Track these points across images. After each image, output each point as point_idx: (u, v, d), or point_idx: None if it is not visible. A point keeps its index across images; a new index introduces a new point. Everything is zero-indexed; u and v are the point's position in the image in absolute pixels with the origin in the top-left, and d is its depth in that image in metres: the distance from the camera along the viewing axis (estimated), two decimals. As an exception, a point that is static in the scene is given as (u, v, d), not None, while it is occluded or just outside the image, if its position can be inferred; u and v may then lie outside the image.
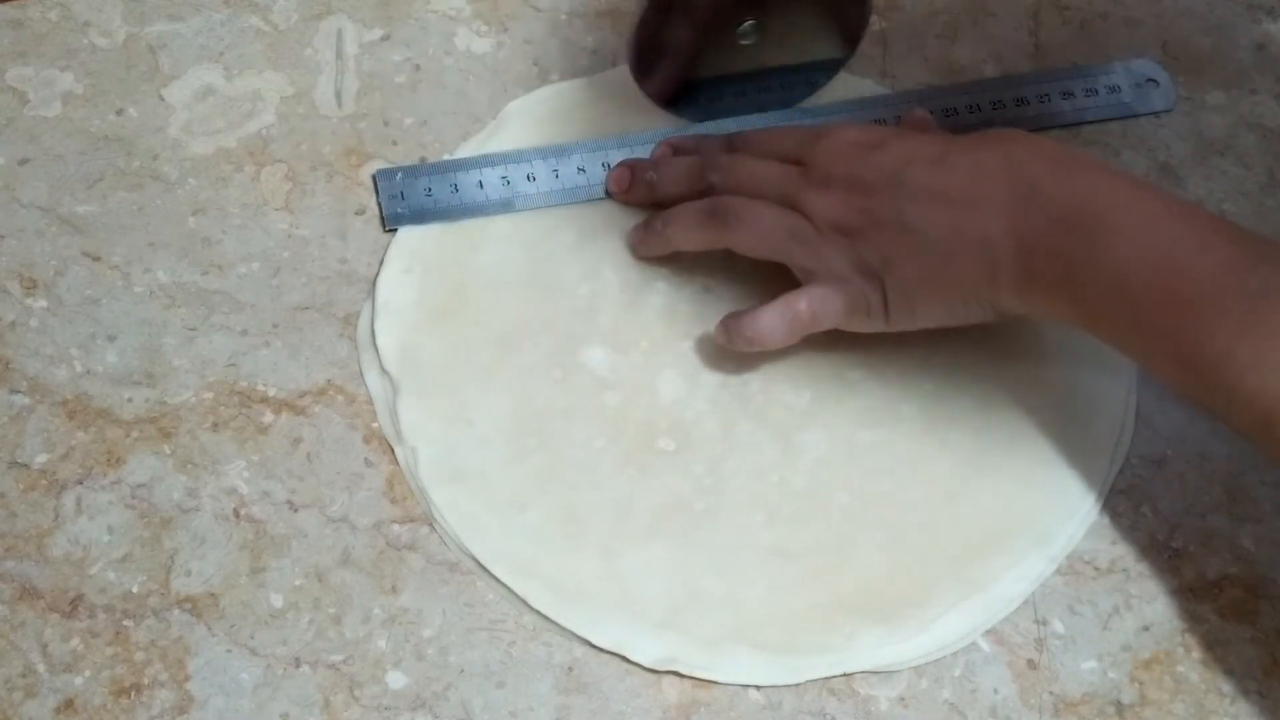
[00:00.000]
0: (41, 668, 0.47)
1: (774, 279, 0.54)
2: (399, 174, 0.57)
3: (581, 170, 0.58)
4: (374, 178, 0.58)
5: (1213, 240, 0.46)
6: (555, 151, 0.58)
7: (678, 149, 0.58)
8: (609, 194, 0.57)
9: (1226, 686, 0.49)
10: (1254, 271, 0.44)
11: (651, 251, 0.56)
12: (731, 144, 0.57)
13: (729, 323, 0.53)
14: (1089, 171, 0.49)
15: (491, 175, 0.58)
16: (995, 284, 0.49)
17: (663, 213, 0.56)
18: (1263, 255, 0.45)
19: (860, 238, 0.51)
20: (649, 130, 0.59)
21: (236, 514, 0.50)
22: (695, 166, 0.56)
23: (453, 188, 0.57)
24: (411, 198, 0.57)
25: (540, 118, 0.60)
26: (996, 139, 0.50)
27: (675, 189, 0.56)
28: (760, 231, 0.53)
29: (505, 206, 0.57)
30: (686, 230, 0.55)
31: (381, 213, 0.57)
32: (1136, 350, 0.48)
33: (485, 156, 0.58)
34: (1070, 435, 0.53)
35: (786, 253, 0.52)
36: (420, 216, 0.57)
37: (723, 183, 0.54)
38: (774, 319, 0.52)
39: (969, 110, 0.61)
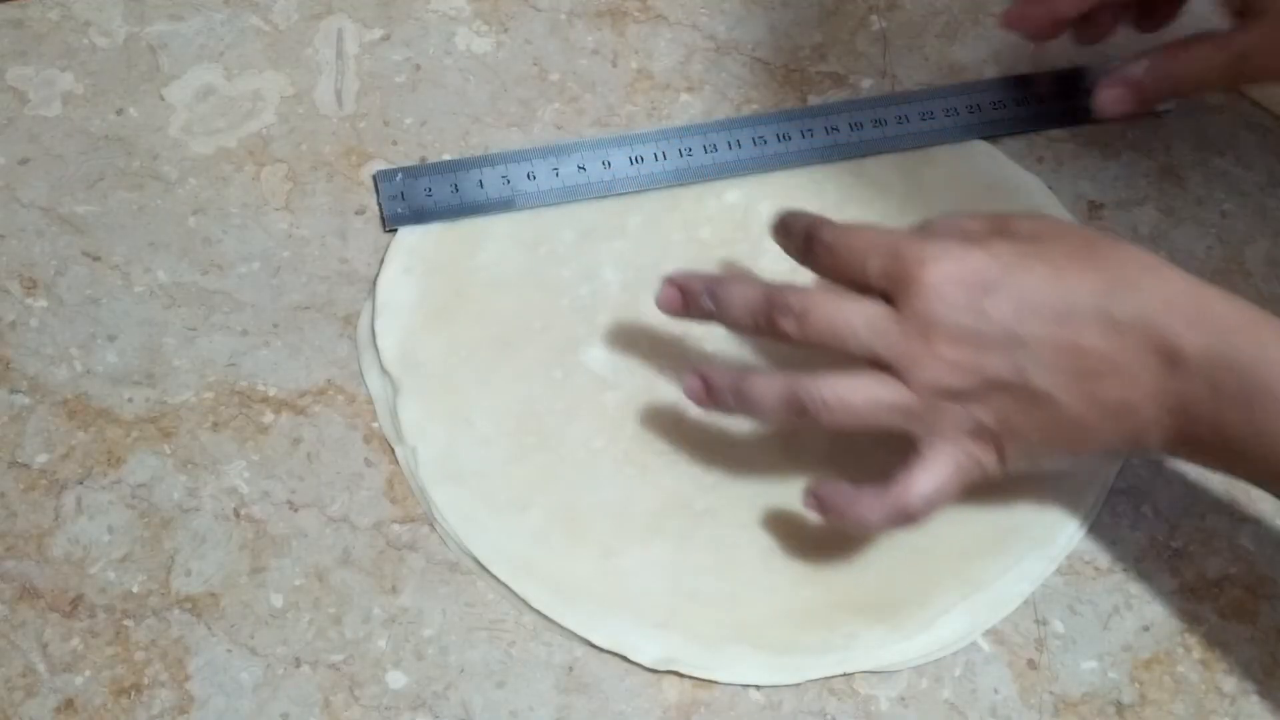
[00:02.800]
0: (41, 668, 0.47)
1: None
2: (399, 174, 0.57)
3: (582, 169, 0.58)
4: (374, 178, 0.58)
5: None
6: (556, 150, 0.58)
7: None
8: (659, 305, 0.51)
9: (1226, 686, 0.49)
10: None
11: (720, 411, 0.50)
12: (807, 246, 0.49)
13: (825, 497, 0.47)
14: (1231, 320, 0.44)
15: (492, 175, 0.58)
16: (1142, 445, 0.46)
17: (733, 379, 0.48)
18: None
19: (973, 400, 0.45)
20: (656, 128, 0.60)
21: (236, 514, 0.50)
22: (761, 303, 0.48)
23: (453, 188, 0.57)
24: (412, 198, 0.57)
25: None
26: (1124, 285, 0.45)
27: (738, 325, 0.49)
28: (855, 412, 0.46)
29: (506, 205, 0.57)
30: (766, 412, 0.48)
31: (382, 213, 0.57)
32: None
33: (485, 156, 0.58)
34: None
35: (886, 426, 0.47)
36: (420, 216, 0.57)
37: (798, 332, 0.47)
38: (876, 509, 0.47)
39: (969, 110, 0.60)
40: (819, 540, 0.51)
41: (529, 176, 0.58)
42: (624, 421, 0.53)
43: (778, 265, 0.57)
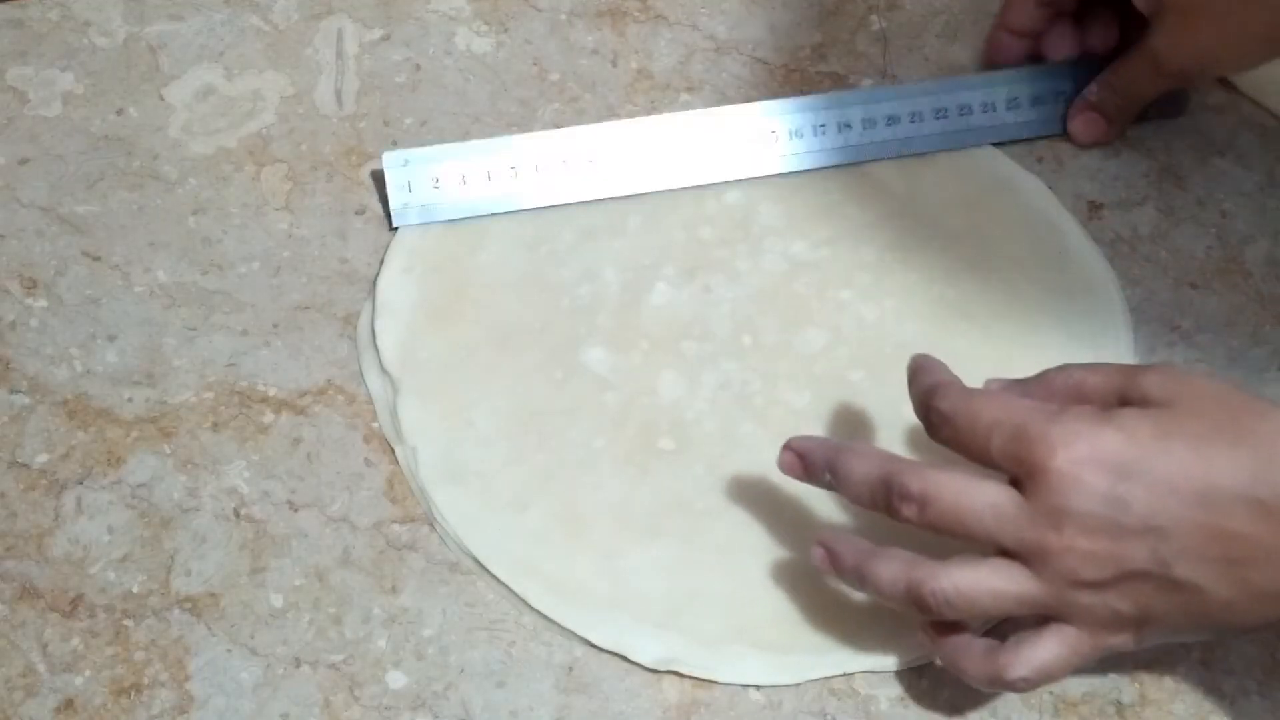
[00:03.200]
0: (41, 667, 0.47)
1: (778, 283, 0.54)
2: (406, 160, 0.57)
3: (591, 161, 0.58)
4: (376, 174, 0.57)
5: None
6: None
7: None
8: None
9: (1226, 686, 0.49)
10: None
11: (840, 579, 0.47)
12: (925, 413, 0.46)
13: (939, 639, 0.45)
14: None
15: (500, 164, 0.57)
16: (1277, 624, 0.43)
17: (856, 560, 0.45)
18: None
19: (1110, 590, 0.42)
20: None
21: (236, 514, 0.50)
22: (880, 485, 0.44)
23: (461, 179, 0.57)
24: (419, 190, 0.56)
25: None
26: (1273, 463, 0.41)
27: (858, 502, 0.46)
28: (978, 605, 0.43)
29: (511, 201, 0.57)
30: (887, 598, 0.45)
31: (387, 208, 0.57)
32: None
33: (488, 142, 0.58)
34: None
35: (1016, 615, 0.44)
36: (428, 213, 0.56)
37: (919, 519, 0.44)
38: (979, 666, 0.44)
39: (959, 112, 0.60)
40: (819, 540, 0.51)
41: (536, 169, 0.57)
42: (624, 421, 0.53)
43: (777, 266, 0.57)
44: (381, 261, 0.56)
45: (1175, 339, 0.56)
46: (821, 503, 0.51)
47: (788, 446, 0.47)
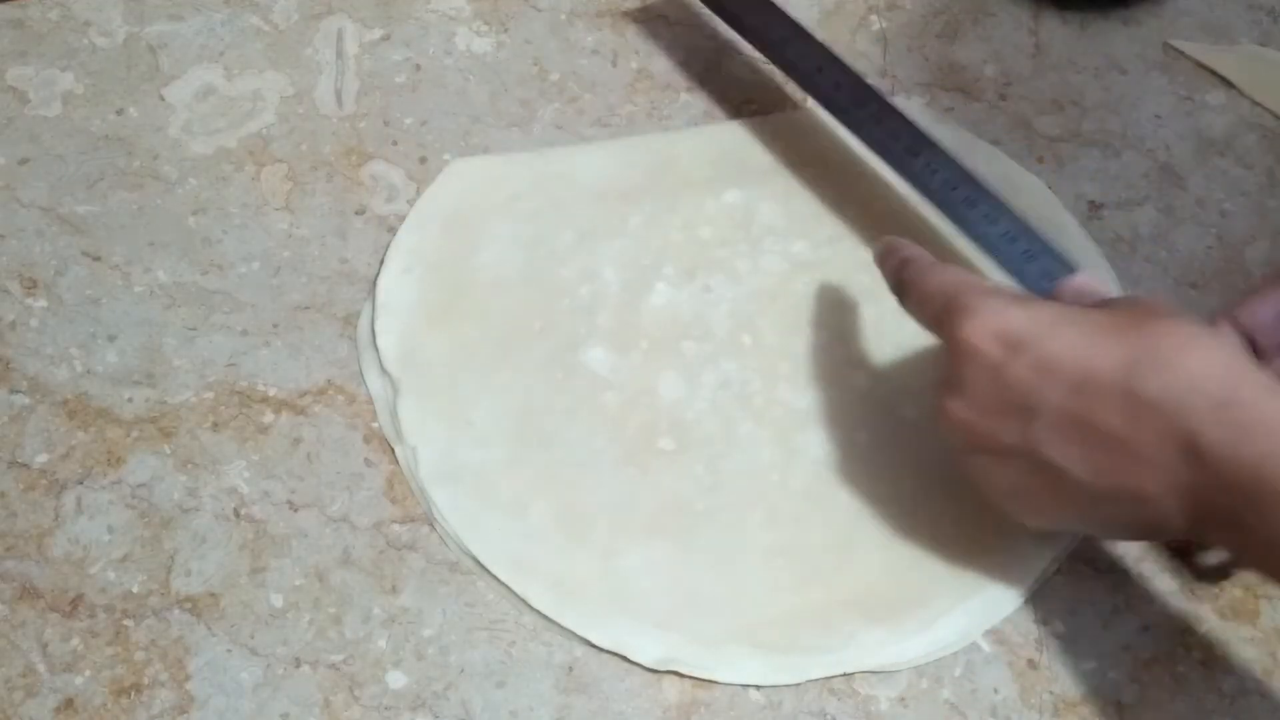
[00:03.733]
0: (41, 667, 0.47)
1: (778, 283, 0.54)
2: None
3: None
4: None
5: None
6: None
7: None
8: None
9: (1226, 686, 0.49)
10: None
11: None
12: (896, 285, 0.50)
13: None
14: (1259, 412, 0.40)
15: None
16: (1164, 532, 0.43)
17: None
18: None
19: (986, 458, 0.45)
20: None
21: (236, 514, 0.50)
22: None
23: None
24: None
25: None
26: (1154, 361, 0.41)
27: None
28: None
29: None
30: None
31: None
32: None
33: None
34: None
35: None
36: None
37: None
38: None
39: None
40: (819, 540, 0.51)
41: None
42: (624, 421, 0.53)
43: (777, 265, 0.57)
44: (381, 261, 0.56)
45: (1175, 339, 0.56)
46: (822, 503, 0.51)
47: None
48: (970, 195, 0.54)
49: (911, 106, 0.62)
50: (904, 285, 0.49)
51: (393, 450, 0.52)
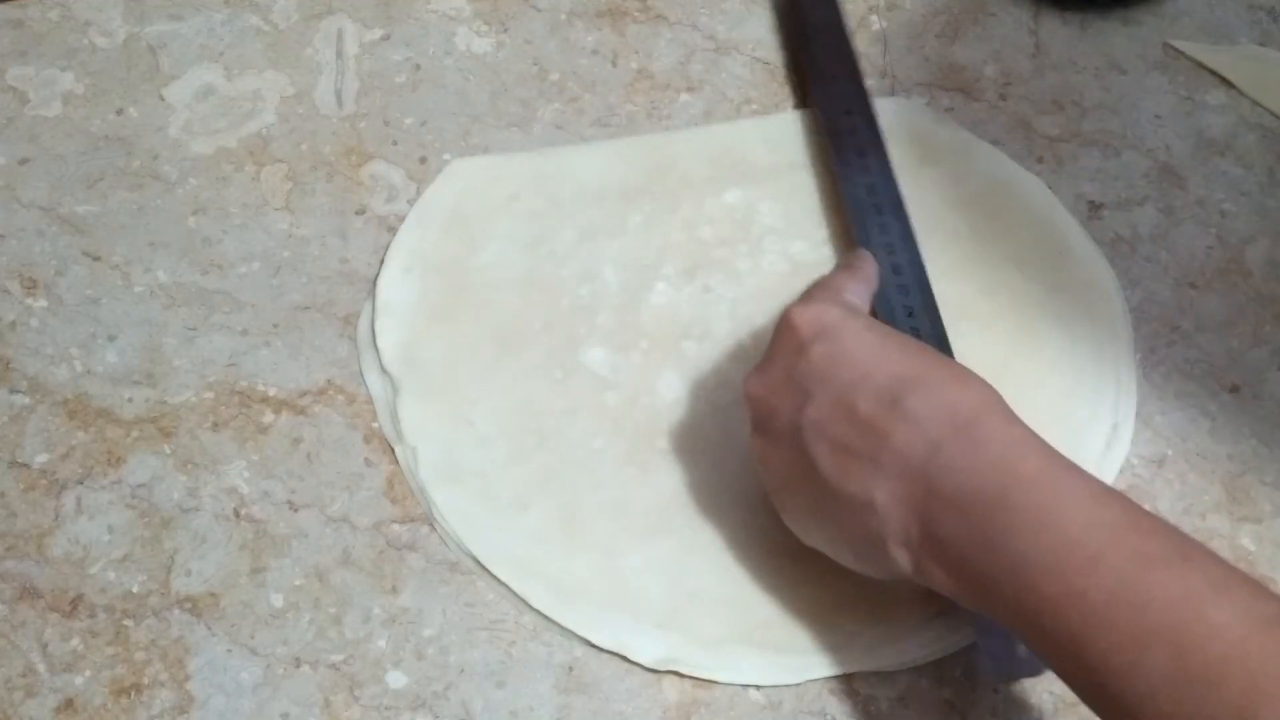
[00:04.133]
0: (41, 667, 0.47)
1: (778, 283, 0.54)
2: None
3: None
4: None
5: (1127, 535, 0.39)
6: None
7: None
8: None
9: (1226, 686, 0.49)
10: (1175, 568, 0.38)
11: None
12: None
13: None
14: (996, 441, 0.41)
15: None
16: (883, 550, 0.43)
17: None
18: (1186, 554, 0.38)
19: (764, 433, 0.46)
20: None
21: (236, 514, 0.50)
22: None
23: None
24: None
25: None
26: (928, 382, 0.43)
27: None
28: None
29: None
30: None
31: None
32: (1035, 647, 0.41)
33: None
34: (1068, 436, 0.53)
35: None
36: None
37: None
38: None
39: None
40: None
41: None
42: (624, 421, 0.53)
43: (777, 265, 0.57)
44: (381, 261, 0.56)
45: (1175, 339, 0.56)
46: (821, 503, 0.51)
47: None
48: (897, 264, 0.55)
49: (912, 106, 0.62)
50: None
51: (393, 450, 0.52)
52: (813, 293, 0.49)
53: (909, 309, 0.53)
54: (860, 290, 0.50)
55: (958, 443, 0.41)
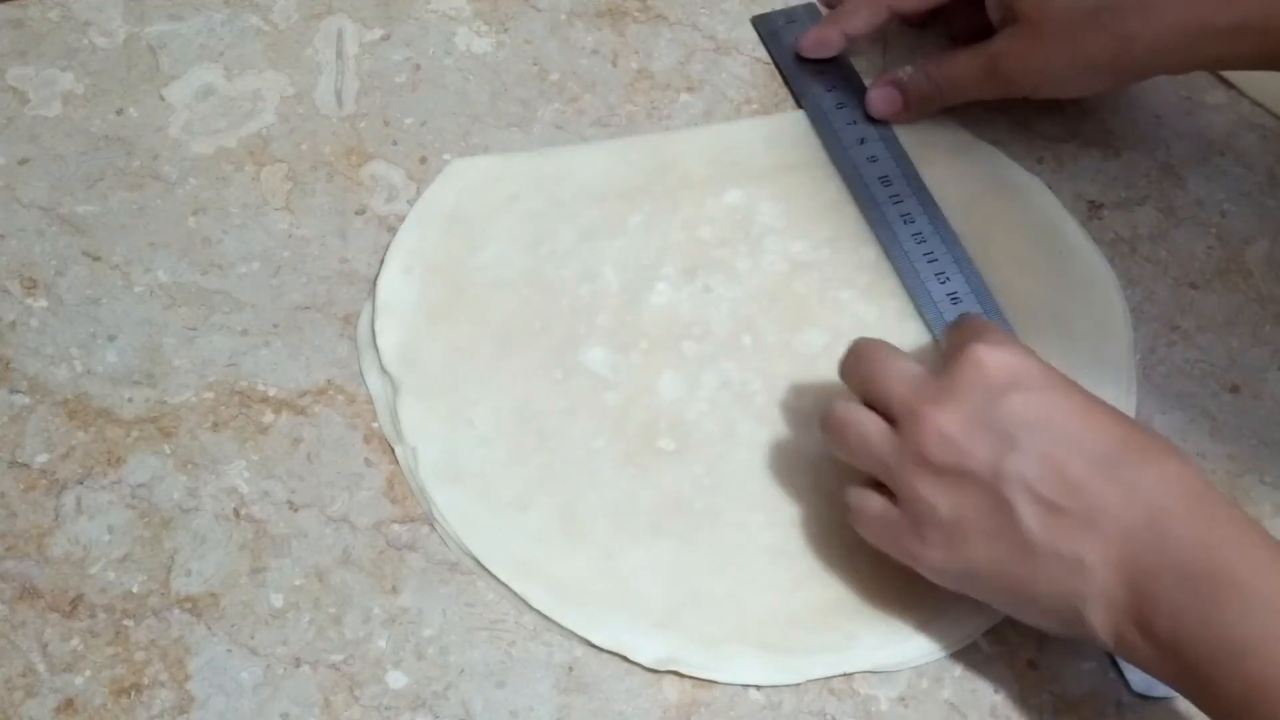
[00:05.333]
0: (41, 667, 0.47)
1: (778, 283, 0.54)
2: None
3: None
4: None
5: None
6: None
7: None
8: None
9: (1226, 686, 0.49)
10: None
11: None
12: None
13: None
14: (1226, 521, 0.42)
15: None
16: (1078, 611, 0.43)
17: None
18: None
19: (942, 480, 0.44)
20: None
21: (236, 514, 0.50)
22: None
23: None
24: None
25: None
26: (1143, 450, 0.43)
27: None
28: (849, 444, 0.47)
29: None
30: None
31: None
32: None
33: None
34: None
35: (867, 469, 0.47)
36: None
37: (850, 374, 0.49)
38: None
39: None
40: (819, 540, 0.51)
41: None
42: (624, 421, 0.53)
43: (777, 266, 0.57)
44: (381, 261, 0.56)
45: (1175, 339, 0.56)
46: (822, 503, 0.51)
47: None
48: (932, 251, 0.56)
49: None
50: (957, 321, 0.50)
51: (393, 450, 0.52)
52: (991, 332, 0.47)
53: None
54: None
55: (1185, 514, 0.41)
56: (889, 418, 0.46)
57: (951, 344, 0.47)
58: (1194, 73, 0.63)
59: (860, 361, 0.48)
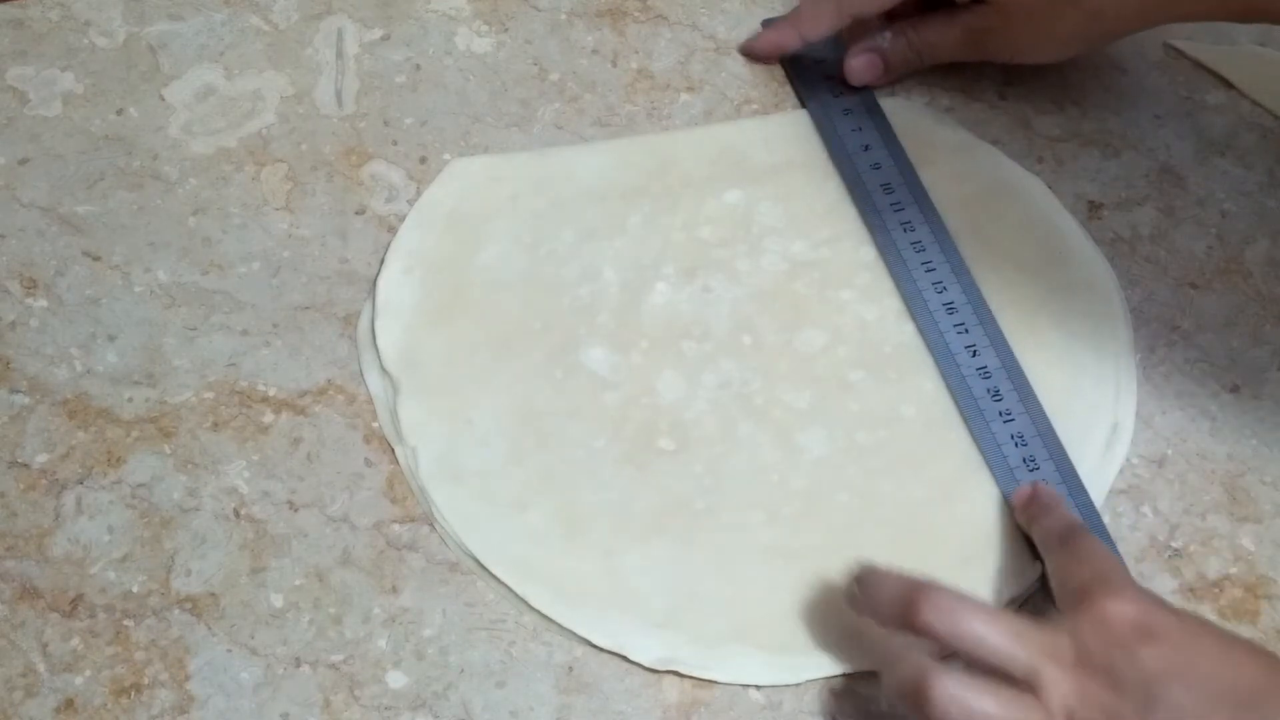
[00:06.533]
0: (41, 667, 0.47)
1: (778, 283, 0.54)
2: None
3: None
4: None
5: None
6: None
7: None
8: None
9: (1226, 686, 0.49)
10: None
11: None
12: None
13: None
14: None
15: None
16: None
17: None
18: None
19: None
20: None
21: (237, 514, 0.50)
22: (907, 592, 0.45)
23: None
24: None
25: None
26: (1276, 694, 0.42)
27: (880, 616, 0.46)
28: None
29: None
30: (890, 688, 0.45)
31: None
32: None
33: None
34: (1068, 436, 0.53)
35: None
36: None
37: (941, 627, 0.44)
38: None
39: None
40: (819, 540, 0.51)
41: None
42: (624, 421, 0.53)
43: (777, 265, 0.57)
44: (381, 261, 0.56)
45: (1175, 339, 0.56)
46: (822, 503, 0.51)
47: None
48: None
49: (912, 106, 0.62)
50: (1054, 531, 0.48)
51: (393, 450, 0.52)
52: (1116, 577, 0.45)
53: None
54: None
55: None
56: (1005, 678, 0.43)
57: (1065, 583, 0.45)
58: (1193, 72, 0.63)
59: (941, 613, 0.44)
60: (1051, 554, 0.47)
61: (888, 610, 0.45)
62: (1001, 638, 0.43)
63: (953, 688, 0.42)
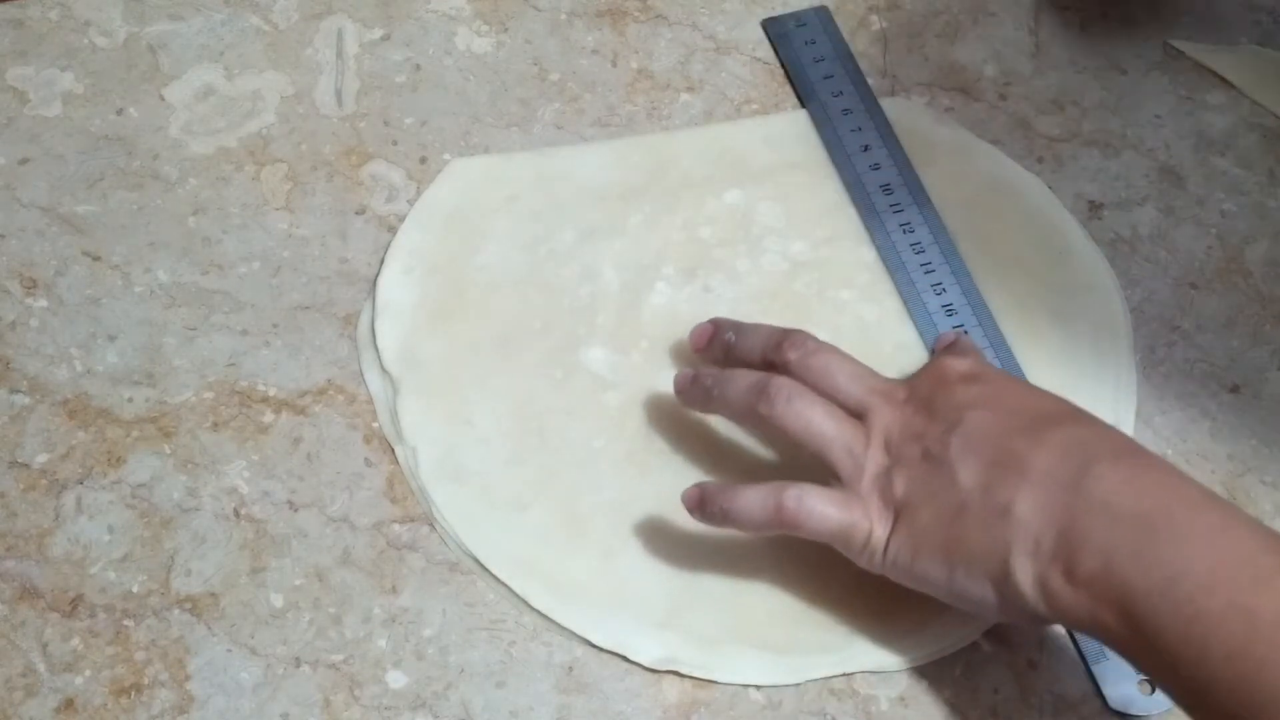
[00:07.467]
0: (41, 667, 0.47)
1: (778, 283, 0.54)
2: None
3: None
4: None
5: None
6: None
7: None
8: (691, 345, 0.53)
9: (1226, 686, 0.49)
10: None
11: (692, 405, 0.51)
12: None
13: (706, 491, 0.48)
14: (1157, 468, 0.43)
15: None
16: (1005, 567, 0.43)
17: (716, 371, 0.50)
18: None
19: (899, 463, 0.46)
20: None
21: (236, 514, 0.50)
22: (777, 336, 0.50)
23: None
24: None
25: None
26: (1074, 420, 0.45)
27: (749, 356, 0.50)
28: (806, 421, 0.47)
29: None
30: (734, 397, 0.49)
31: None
32: (1182, 676, 0.39)
33: None
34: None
35: (824, 449, 0.47)
36: None
37: (799, 361, 0.49)
38: (754, 503, 0.46)
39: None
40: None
41: None
42: (624, 421, 0.53)
43: (777, 265, 0.57)
44: (381, 261, 0.56)
45: (1175, 339, 0.56)
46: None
47: (709, 321, 0.53)
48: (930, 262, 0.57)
49: (912, 106, 0.62)
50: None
51: (393, 450, 0.52)
52: (966, 350, 0.51)
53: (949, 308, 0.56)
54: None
55: (1116, 463, 0.43)
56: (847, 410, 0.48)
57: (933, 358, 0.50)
58: (1193, 72, 0.63)
59: (802, 351, 0.49)
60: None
61: (754, 352, 0.50)
62: (846, 378, 0.48)
63: (790, 388, 0.48)
